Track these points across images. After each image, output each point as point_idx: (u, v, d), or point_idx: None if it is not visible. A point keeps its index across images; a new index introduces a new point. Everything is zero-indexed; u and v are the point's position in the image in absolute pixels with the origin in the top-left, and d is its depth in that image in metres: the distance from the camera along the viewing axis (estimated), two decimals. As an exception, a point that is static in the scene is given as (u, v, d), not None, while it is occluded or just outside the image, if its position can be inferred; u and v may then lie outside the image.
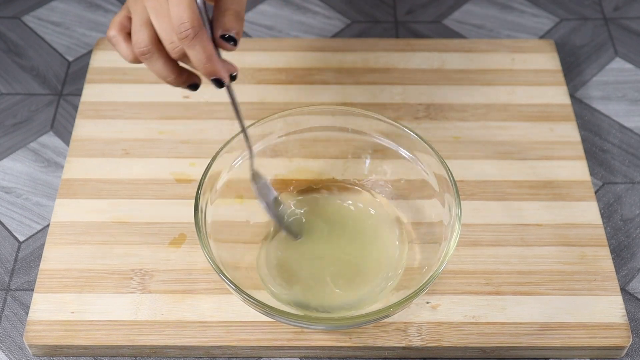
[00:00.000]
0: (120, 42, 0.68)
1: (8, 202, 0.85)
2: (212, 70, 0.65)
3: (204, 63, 0.64)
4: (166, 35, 0.64)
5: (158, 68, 0.67)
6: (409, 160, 0.78)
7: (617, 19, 1.03)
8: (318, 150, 0.82)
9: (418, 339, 0.73)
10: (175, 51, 0.65)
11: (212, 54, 0.64)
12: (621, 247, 0.82)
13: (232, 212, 0.78)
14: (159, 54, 0.66)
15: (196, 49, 0.63)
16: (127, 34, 0.68)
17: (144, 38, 0.65)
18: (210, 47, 0.64)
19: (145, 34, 0.65)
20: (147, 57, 0.66)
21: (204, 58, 0.64)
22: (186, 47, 0.63)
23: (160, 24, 0.64)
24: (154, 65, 0.66)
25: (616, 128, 0.91)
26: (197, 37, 0.63)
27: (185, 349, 0.73)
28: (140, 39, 0.65)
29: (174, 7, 0.62)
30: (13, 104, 0.93)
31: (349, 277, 0.76)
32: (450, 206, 0.72)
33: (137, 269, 0.77)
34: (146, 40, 0.65)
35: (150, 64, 0.67)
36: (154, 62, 0.66)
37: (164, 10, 0.63)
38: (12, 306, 0.77)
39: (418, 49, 0.95)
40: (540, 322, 0.74)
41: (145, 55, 0.66)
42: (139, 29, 0.65)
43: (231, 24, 0.66)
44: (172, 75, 0.67)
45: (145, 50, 0.65)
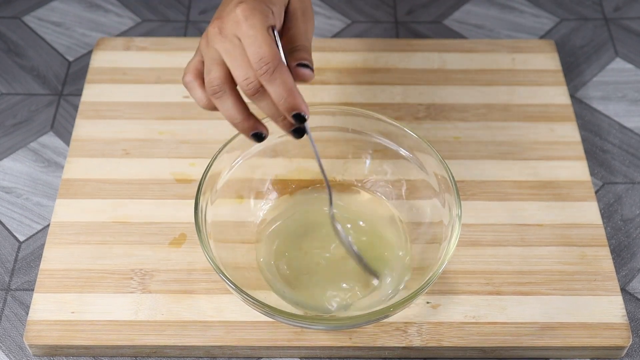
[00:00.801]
0: (196, 87, 0.68)
1: (8, 202, 0.85)
2: (294, 104, 0.64)
3: (285, 97, 0.64)
4: (240, 73, 0.64)
5: (228, 107, 0.66)
6: (409, 160, 0.78)
7: (617, 19, 1.03)
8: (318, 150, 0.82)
9: (418, 339, 0.73)
10: (250, 87, 0.64)
11: (293, 88, 0.64)
12: (621, 247, 0.82)
13: (233, 212, 0.78)
14: (230, 93, 0.66)
15: (276, 82, 0.63)
16: (202, 80, 0.68)
17: (216, 76, 0.65)
18: (290, 80, 0.64)
19: (217, 72, 0.65)
20: (219, 96, 0.66)
21: (286, 91, 0.63)
22: (266, 82, 0.63)
23: (233, 62, 0.64)
24: (224, 104, 0.66)
25: (616, 128, 0.91)
26: (277, 71, 0.63)
27: (186, 349, 0.73)
28: (212, 77, 0.65)
29: (251, 46, 0.63)
30: (13, 104, 0.93)
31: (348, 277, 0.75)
32: (450, 206, 0.72)
33: (137, 269, 0.77)
34: (219, 79, 0.65)
35: (221, 103, 0.66)
36: (225, 101, 0.66)
37: (238, 50, 0.64)
38: (12, 306, 0.77)
39: (418, 49, 0.96)
40: (541, 322, 0.74)
41: (217, 94, 0.66)
42: (210, 69, 0.66)
43: (303, 54, 0.66)
44: (240, 117, 0.66)
45: (217, 88, 0.65)
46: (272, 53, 0.63)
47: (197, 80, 0.68)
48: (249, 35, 0.63)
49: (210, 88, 0.66)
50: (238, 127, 0.67)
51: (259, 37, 0.63)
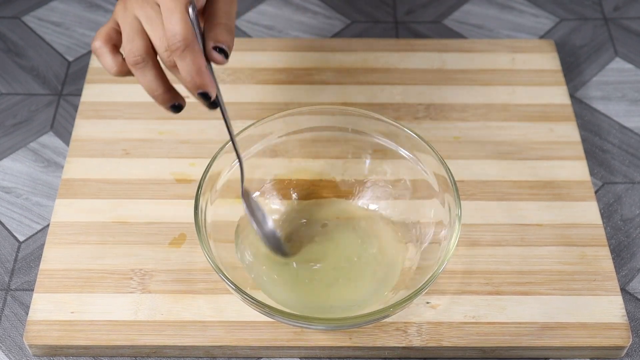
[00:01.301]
0: (106, 53, 0.67)
1: (8, 202, 0.85)
2: (201, 83, 0.64)
3: (193, 75, 0.63)
4: (161, 44, 0.63)
5: (148, 80, 0.65)
6: (409, 160, 0.78)
7: (617, 19, 1.03)
8: (318, 151, 0.82)
9: (418, 339, 0.73)
10: (169, 59, 0.64)
11: (202, 67, 0.63)
12: (621, 247, 0.82)
13: (232, 212, 0.78)
14: (152, 64, 0.65)
15: (186, 60, 0.63)
16: (113, 45, 0.67)
17: (139, 46, 0.64)
18: (201, 59, 0.63)
19: (139, 42, 0.64)
20: (141, 67, 0.65)
21: (194, 70, 0.63)
22: (177, 58, 0.63)
23: (155, 32, 0.63)
24: (146, 76, 0.65)
25: (616, 128, 0.91)
26: (188, 49, 0.62)
27: (185, 349, 0.73)
28: (135, 47, 0.64)
29: (166, 19, 0.62)
30: (13, 104, 0.93)
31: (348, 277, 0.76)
32: (450, 206, 0.72)
33: (137, 269, 0.77)
34: (141, 49, 0.64)
35: (142, 75, 0.65)
36: (146, 73, 0.65)
37: (159, 20, 0.63)
38: (12, 306, 0.77)
39: (418, 49, 0.96)
40: (540, 322, 0.74)
41: (139, 65, 0.65)
42: (132, 37, 0.64)
43: (223, 37, 0.65)
44: (161, 89, 0.66)
45: (140, 59, 0.64)
46: (184, 31, 0.62)
47: (107, 45, 0.66)
48: (168, 8, 0.62)
49: (132, 58, 0.64)
50: (157, 99, 0.67)
51: (176, 12, 0.62)
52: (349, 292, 0.75)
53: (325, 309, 0.73)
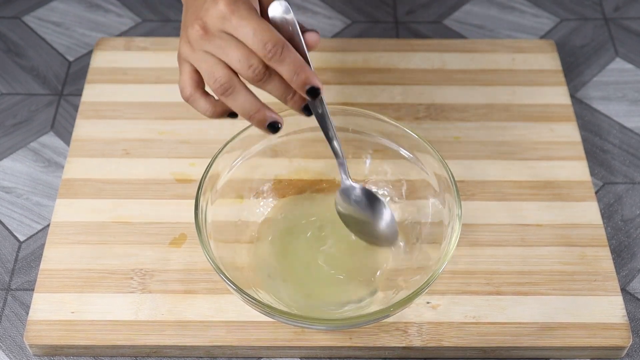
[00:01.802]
0: (199, 98, 0.66)
1: (8, 202, 0.85)
2: (307, 78, 0.63)
3: (298, 72, 0.63)
4: (243, 63, 0.63)
5: (241, 102, 0.65)
6: (409, 160, 0.78)
7: (617, 19, 1.03)
8: (318, 151, 0.82)
9: (418, 339, 0.73)
10: (256, 72, 0.63)
11: (303, 63, 0.63)
12: (621, 247, 0.82)
13: (233, 212, 0.78)
14: (240, 86, 0.64)
15: (287, 61, 0.62)
16: (202, 89, 0.67)
17: (222, 75, 0.64)
18: (299, 56, 0.63)
19: (221, 70, 0.64)
20: (230, 92, 0.64)
21: (297, 67, 0.63)
22: (277, 62, 0.62)
23: (232, 55, 0.63)
24: (237, 100, 0.65)
25: (616, 128, 0.91)
26: (285, 49, 0.62)
27: (186, 349, 0.73)
28: (218, 77, 0.64)
29: (247, 36, 0.62)
30: (13, 104, 0.93)
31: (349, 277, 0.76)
32: (450, 206, 0.72)
33: (138, 269, 0.77)
34: (225, 76, 0.64)
35: (235, 100, 0.65)
36: (237, 97, 0.64)
37: (232, 43, 0.63)
38: (12, 306, 0.77)
39: (418, 49, 0.95)
40: (541, 322, 0.74)
41: (227, 91, 0.64)
42: (213, 71, 0.64)
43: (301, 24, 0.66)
44: (255, 108, 0.65)
45: (227, 85, 0.64)
46: (274, 34, 0.62)
47: (197, 91, 0.66)
48: (242, 26, 0.62)
49: (219, 88, 0.64)
50: (254, 119, 0.66)
51: (254, 24, 0.62)
52: (349, 292, 0.75)
53: (324, 309, 0.73)
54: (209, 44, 0.64)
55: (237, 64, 0.63)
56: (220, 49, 0.63)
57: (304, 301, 0.74)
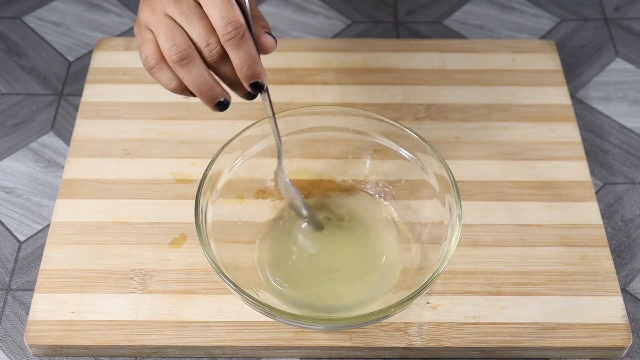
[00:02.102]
0: (164, 69, 0.63)
1: (8, 202, 0.85)
2: (256, 72, 0.62)
3: (249, 64, 0.62)
4: (202, 38, 0.61)
5: (195, 75, 0.62)
6: (409, 160, 0.78)
7: (617, 19, 1.03)
8: (318, 151, 0.82)
9: (418, 339, 0.73)
10: (213, 53, 0.61)
11: (256, 56, 0.62)
12: (622, 247, 0.82)
13: (233, 212, 0.78)
14: (197, 58, 0.62)
15: (242, 49, 0.61)
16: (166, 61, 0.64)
17: (180, 42, 0.61)
18: (254, 49, 0.62)
19: (180, 38, 0.61)
20: (186, 62, 0.61)
21: (250, 59, 0.62)
22: (233, 47, 0.61)
23: (194, 27, 0.61)
24: (192, 72, 0.62)
25: (617, 128, 0.91)
26: (245, 36, 0.61)
27: (186, 349, 0.73)
28: (176, 43, 0.61)
29: (214, 9, 0.60)
30: (13, 104, 0.93)
31: (349, 278, 0.76)
32: (450, 206, 0.72)
33: (138, 269, 0.77)
34: (184, 44, 0.61)
35: (189, 71, 0.62)
36: (193, 68, 0.62)
37: (197, 14, 0.61)
38: (12, 306, 0.77)
39: (419, 49, 0.96)
40: (541, 322, 0.74)
41: (184, 60, 0.61)
42: (171, 35, 0.61)
43: (265, 23, 0.64)
44: (209, 84, 0.63)
45: (185, 53, 0.61)
46: (238, 19, 0.60)
47: (163, 61, 0.63)
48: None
49: (175, 55, 0.61)
50: (205, 95, 0.64)
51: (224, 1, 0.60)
52: (349, 292, 0.75)
53: (324, 309, 0.73)
54: (174, 6, 0.61)
55: (197, 37, 0.61)
56: (183, 15, 0.61)
57: (303, 301, 0.74)
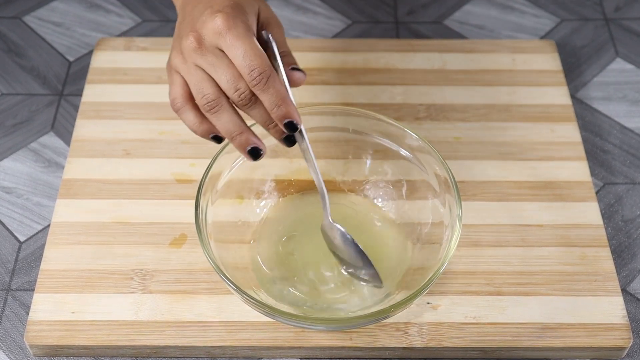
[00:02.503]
0: (189, 110, 0.66)
1: (9, 202, 0.85)
2: (287, 112, 0.63)
3: (279, 105, 0.63)
4: (231, 85, 0.63)
5: (225, 122, 0.64)
6: (409, 160, 0.78)
7: (618, 20, 1.03)
8: (319, 151, 0.82)
9: (418, 340, 0.73)
10: (242, 97, 0.63)
11: (286, 96, 0.63)
12: (622, 247, 0.82)
13: (233, 213, 0.78)
14: (227, 106, 0.64)
15: (270, 91, 0.62)
16: (193, 102, 0.66)
17: (210, 92, 0.63)
18: (283, 88, 0.63)
19: (210, 87, 0.63)
20: (216, 110, 0.64)
21: (279, 99, 0.63)
22: (260, 91, 0.62)
23: (222, 75, 0.63)
24: (221, 119, 0.64)
25: (617, 129, 0.91)
26: (270, 79, 0.62)
27: (186, 349, 0.73)
28: (207, 92, 0.63)
29: (237, 58, 0.61)
30: (13, 104, 0.93)
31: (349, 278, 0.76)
32: (450, 207, 0.72)
33: (138, 269, 0.77)
34: (213, 94, 0.63)
35: (219, 119, 0.64)
36: (222, 116, 0.64)
37: (224, 62, 0.62)
38: (12, 306, 0.77)
39: (419, 49, 0.96)
40: (541, 322, 0.74)
41: (214, 109, 0.64)
42: (202, 86, 0.63)
43: (292, 60, 0.66)
44: (239, 130, 0.65)
45: (214, 103, 0.63)
46: (263, 62, 0.62)
47: (189, 103, 0.66)
48: (235, 46, 0.62)
49: (206, 105, 0.64)
50: (236, 141, 0.66)
51: (247, 47, 0.61)
52: (349, 292, 0.75)
53: (325, 309, 0.73)
54: (201, 57, 0.63)
55: (225, 84, 0.63)
56: (211, 65, 0.63)
57: (304, 301, 0.74)
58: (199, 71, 0.64)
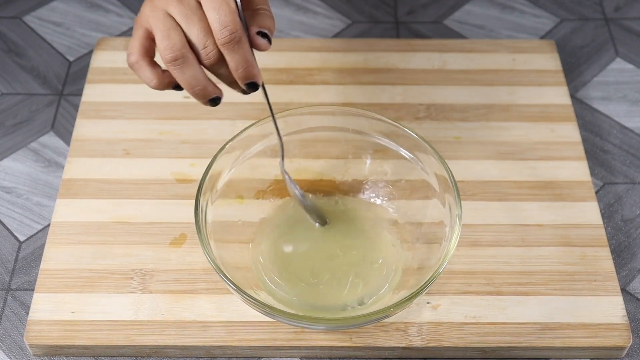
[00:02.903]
0: (145, 66, 0.64)
1: (9, 202, 0.85)
2: (252, 73, 0.63)
3: (244, 67, 0.62)
4: (200, 40, 0.62)
5: (189, 76, 0.63)
6: (409, 160, 0.78)
7: (617, 19, 1.03)
8: (319, 151, 0.82)
9: (418, 339, 0.73)
10: (209, 55, 0.62)
11: (251, 59, 0.63)
12: (622, 247, 0.82)
13: (233, 212, 0.78)
14: (192, 59, 0.62)
15: (238, 52, 0.62)
16: (150, 57, 0.65)
17: (176, 42, 0.62)
18: (249, 51, 0.63)
19: (177, 38, 0.62)
20: (180, 62, 0.62)
21: (244, 61, 0.62)
22: (228, 50, 0.61)
23: (192, 28, 0.61)
24: (186, 72, 0.63)
25: (617, 128, 0.91)
26: (240, 42, 0.61)
27: (186, 349, 0.73)
28: (172, 43, 0.62)
29: (212, 11, 0.60)
30: (14, 104, 0.93)
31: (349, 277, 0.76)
32: (450, 206, 0.72)
33: (138, 269, 0.77)
34: (179, 44, 0.62)
35: (182, 72, 0.63)
36: (186, 69, 0.63)
37: (197, 15, 0.61)
38: (12, 306, 0.77)
39: (419, 49, 0.96)
40: (541, 322, 0.74)
41: (178, 61, 0.62)
42: (168, 34, 0.62)
43: (265, 22, 0.64)
44: (202, 84, 0.64)
45: (179, 54, 0.62)
46: (236, 22, 0.61)
47: (145, 58, 0.64)
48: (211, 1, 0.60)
49: (169, 55, 0.62)
50: (198, 94, 0.64)
51: (224, 4, 0.60)
52: (349, 292, 0.75)
53: (325, 309, 0.73)
54: (173, 6, 0.62)
55: (195, 38, 0.62)
56: (183, 16, 0.62)
57: (304, 301, 0.74)
58: (168, 19, 0.62)
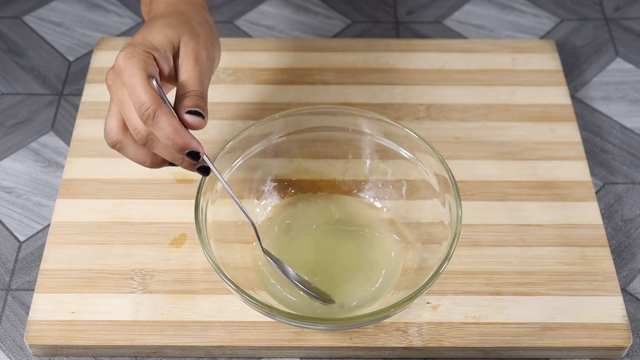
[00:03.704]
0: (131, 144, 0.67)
1: (8, 202, 0.85)
2: (183, 142, 0.63)
3: (172, 136, 0.63)
4: (130, 124, 0.64)
5: (132, 154, 0.67)
6: (409, 160, 0.78)
7: (617, 19, 1.03)
8: (318, 151, 0.82)
9: (418, 339, 0.73)
10: (139, 137, 0.64)
11: (178, 127, 0.63)
12: (622, 247, 0.82)
13: (233, 212, 0.78)
14: (127, 141, 0.66)
15: (161, 124, 0.62)
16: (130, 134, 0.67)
17: (112, 127, 0.66)
18: (174, 120, 0.63)
19: (113, 123, 0.66)
20: (118, 147, 0.66)
21: (171, 131, 0.63)
22: (151, 126, 0.63)
23: (125, 113, 0.64)
24: (128, 152, 0.66)
25: (617, 128, 0.91)
26: (159, 113, 0.62)
27: (186, 349, 0.73)
28: (108, 128, 0.66)
29: (132, 94, 0.63)
30: (13, 104, 0.93)
31: (348, 278, 0.76)
32: (450, 206, 0.72)
33: (138, 269, 0.77)
34: (114, 129, 0.66)
35: (125, 152, 0.67)
36: (125, 150, 0.66)
37: (128, 101, 0.64)
38: (12, 306, 0.77)
39: (419, 49, 0.95)
40: (541, 322, 0.74)
41: (116, 145, 0.66)
42: (109, 120, 0.66)
43: (194, 102, 0.65)
44: (148, 160, 0.67)
45: (116, 139, 0.66)
46: (151, 98, 0.62)
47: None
48: (130, 84, 0.63)
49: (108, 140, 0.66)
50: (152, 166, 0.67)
51: (137, 86, 0.62)
52: (349, 292, 0.75)
53: (325, 309, 0.73)
54: (114, 94, 0.65)
55: (127, 122, 0.64)
56: (120, 102, 0.65)
57: (303, 301, 0.74)
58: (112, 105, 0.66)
